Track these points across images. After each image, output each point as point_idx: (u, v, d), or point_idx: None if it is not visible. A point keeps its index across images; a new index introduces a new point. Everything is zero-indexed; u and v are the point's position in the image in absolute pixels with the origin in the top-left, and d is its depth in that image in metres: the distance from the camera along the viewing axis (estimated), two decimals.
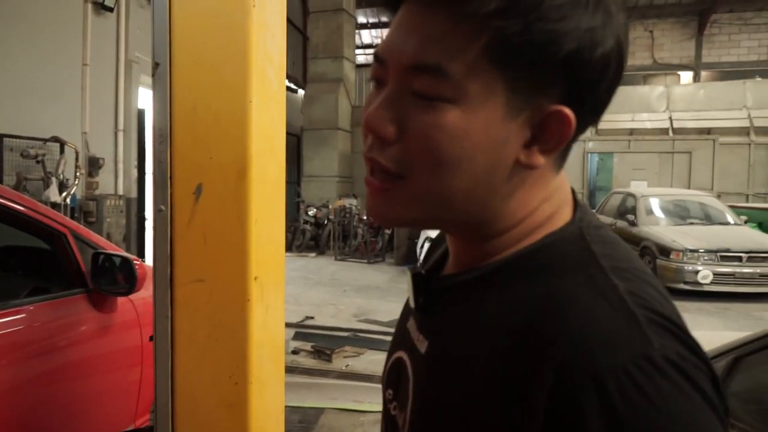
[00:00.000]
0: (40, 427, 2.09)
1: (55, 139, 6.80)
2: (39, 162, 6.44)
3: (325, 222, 12.18)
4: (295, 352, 4.95)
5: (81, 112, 7.72)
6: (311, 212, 12.27)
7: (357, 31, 17.43)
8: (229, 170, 1.58)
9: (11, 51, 6.61)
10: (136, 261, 2.28)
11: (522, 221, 0.55)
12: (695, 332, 0.48)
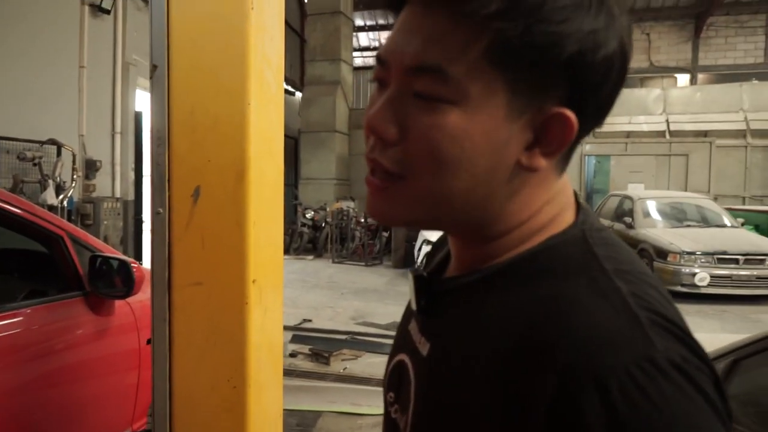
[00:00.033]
0: (37, 431, 2.08)
1: (52, 142, 6.79)
2: (36, 165, 6.43)
3: (323, 224, 12.18)
4: (293, 355, 4.94)
5: (78, 115, 7.70)
6: (309, 215, 12.25)
7: (354, 34, 17.44)
8: (228, 173, 1.58)
9: (8, 53, 6.60)
10: (134, 264, 2.27)
11: (524, 223, 0.54)
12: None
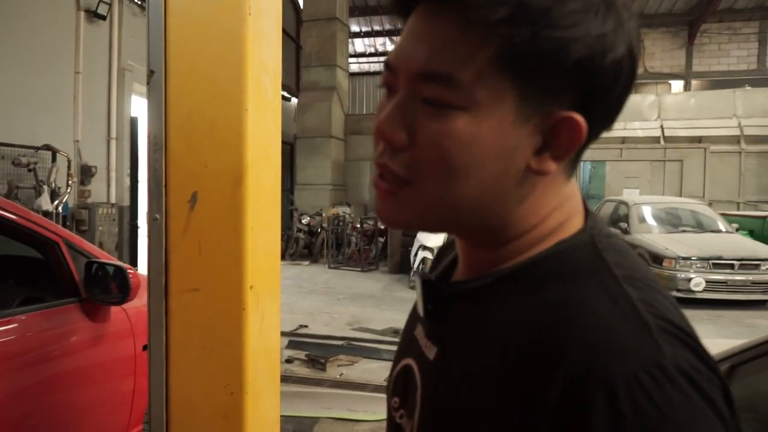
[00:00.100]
0: None
1: (47, 148, 6.78)
2: (31, 170, 6.42)
3: (319, 230, 12.16)
4: (289, 361, 4.93)
5: (73, 121, 7.70)
6: (304, 220, 12.24)
7: (350, 40, 17.48)
8: (225, 178, 1.57)
9: (3, 58, 6.59)
10: (130, 270, 2.26)
11: (533, 228, 0.54)
12: None
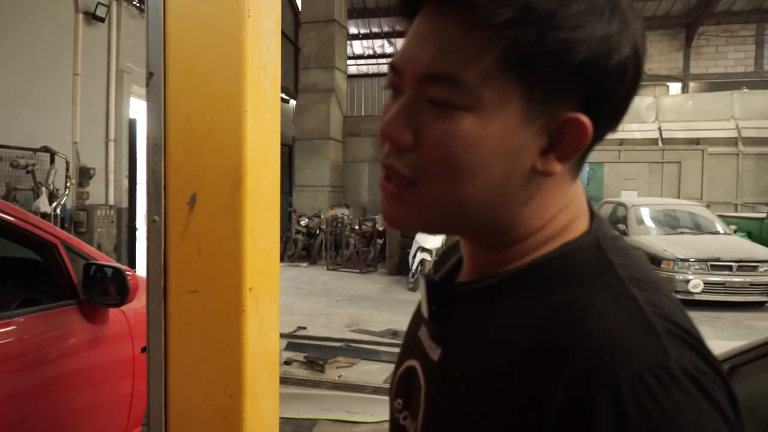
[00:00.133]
0: None
1: (46, 149, 6.77)
2: (29, 172, 6.41)
3: (317, 232, 12.15)
4: (288, 363, 4.92)
5: (72, 122, 7.69)
6: (303, 222, 12.23)
7: (349, 42, 17.48)
8: (224, 180, 1.57)
9: (2, 60, 6.58)
10: (128, 272, 2.26)
11: (538, 230, 0.54)
12: None
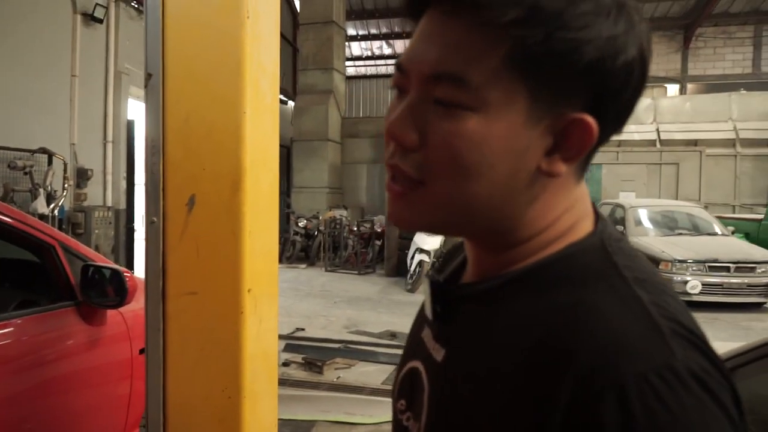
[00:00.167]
0: None
1: (43, 151, 6.76)
2: (27, 173, 6.40)
3: (315, 233, 12.15)
4: (286, 364, 4.91)
5: (69, 124, 7.68)
6: (301, 223, 12.23)
7: (347, 43, 17.49)
8: (223, 182, 1.57)
9: (0, 62, 6.57)
10: (127, 273, 2.25)
11: (543, 231, 0.54)
12: None
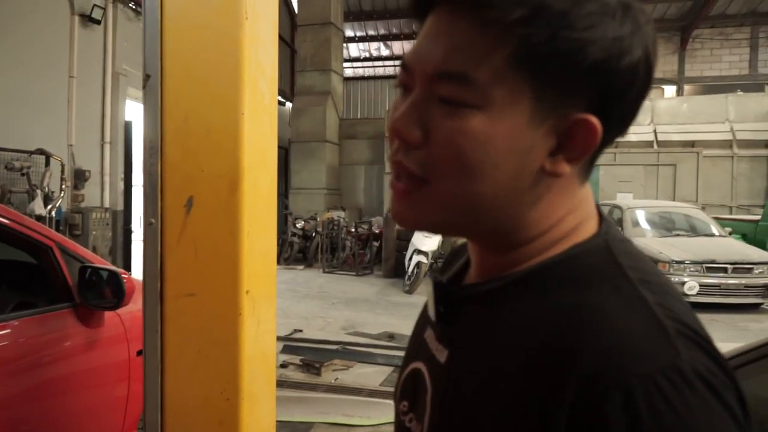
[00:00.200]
0: None
1: (41, 152, 6.75)
2: (24, 174, 6.39)
3: (313, 234, 12.15)
4: (284, 366, 4.90)
5: (67, 125, 7.67)
6: (299, 225, 12.22)
7: (345, 45, 17.49)
8: (221, 183, 1.57)
9: None
10: (124, 275, 2.24)
11: (546, 231, 0.54)
12: None
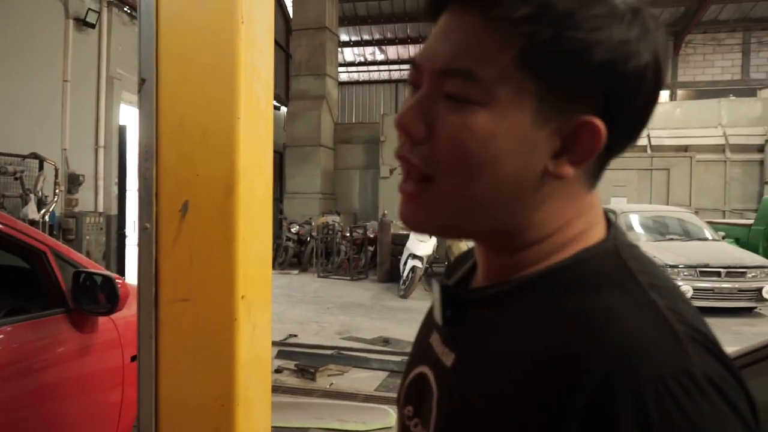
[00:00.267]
0: None
1: (34, 156, 6.71)
2: (17, 179, 6.35)
3: (308, 239, 12.13)
4: (279, 371, 4.88)
5: (61, 129, 7.63)
6: (294, 229, 12.20)
7: (339, 49, 17.52)
8: (217, 187, 1.56)
9: None
10: (118, 280, 2.23)
11: (552, 235, 0.54)
12: None
